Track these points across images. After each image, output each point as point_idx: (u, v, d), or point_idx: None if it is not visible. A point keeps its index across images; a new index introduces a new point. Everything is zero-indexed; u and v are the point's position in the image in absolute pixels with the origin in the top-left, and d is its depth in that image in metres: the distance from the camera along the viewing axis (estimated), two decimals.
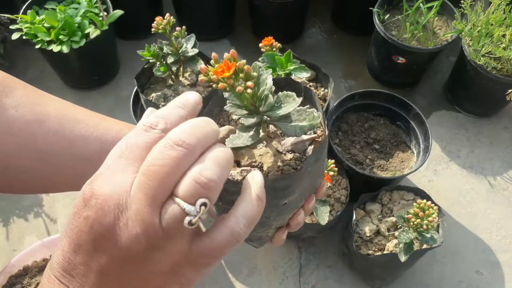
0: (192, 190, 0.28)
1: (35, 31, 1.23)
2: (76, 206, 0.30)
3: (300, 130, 0.40)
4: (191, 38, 1.03)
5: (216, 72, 0.36)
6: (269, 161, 0.43)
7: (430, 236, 0.87)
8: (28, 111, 0.49)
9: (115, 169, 0.30)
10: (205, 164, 0.29)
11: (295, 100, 0.39)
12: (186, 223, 0.28)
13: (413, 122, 1.17)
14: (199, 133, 0.30)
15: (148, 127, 0.31)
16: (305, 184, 0.43)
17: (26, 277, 0.93)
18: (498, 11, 1.16)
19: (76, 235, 0.30)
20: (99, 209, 0.28)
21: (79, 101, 1.43)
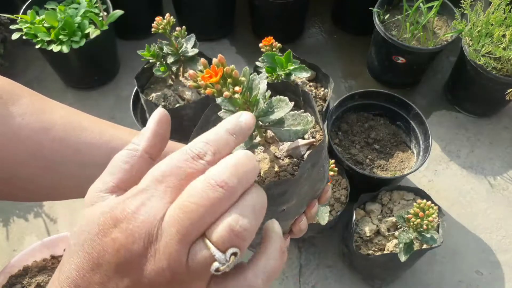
0: (226, 238, 0.27)
1: (35, 31, 1.23)
2: (102, 222, 0.29)
3: (294, 135, 0.39)
4: (191, 38, 1.03)
5: (204, 78, 0.36)
6: (266, 166, 0.43)
7: (430, 236, 0.87)
8: (35, 119, 0.49)
9: (153, 194, 0.29)
10: (243, 212, 0.28)
11: (287, 105, 0.39)
12: (213, 269, 0.27)
13: (413, 122, 1.17)
14: (241, 174, 0.29)
15: (196, 155, 0.29)
16: (303, 189, 0.42)
17: (26, 277, 0.93)
18: (498, 11, 1.16)
19: (98, 254, 0.29)
20: (130, 235, 0.28)
21: (79, 101, 1.43)
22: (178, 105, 1.06)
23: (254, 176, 0.30)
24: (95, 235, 0.29)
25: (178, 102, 1.08)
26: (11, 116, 0.47)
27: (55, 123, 0.49)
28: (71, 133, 0.50)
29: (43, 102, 0.52)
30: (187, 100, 1.07)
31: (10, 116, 0.47)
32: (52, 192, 0.52)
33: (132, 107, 1.18)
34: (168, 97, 1.08)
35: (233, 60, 1.53)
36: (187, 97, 1.07)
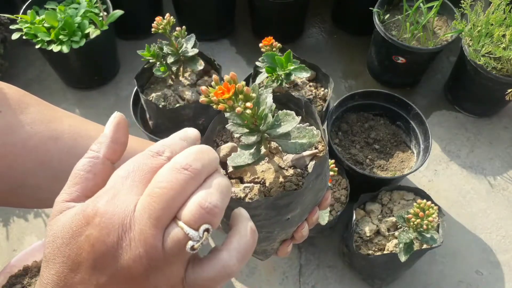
0: (197, 215, 0.28)
1: (35, 31, 1.23)
2: (74, 224, 0.30)
3: (300, 148, 0.40)
4: (191, 38, 1.03)
5: (216, 94, 0.37)
6: (271, 177, 0.43)
7: (430, 236, 0.87)
8: (43, 128, 0.49)
9: (121, 189, 0.30)
10: (210, 190, 0.30)
11: (294, 119, 0.40)
12: (188, 248, 0.28)
13: (413, 122, 1.17)
14: (204, 159, 0.31)
15: (155, 153, 0.31)
16: (307, 199, 0.43)
17: (26, 277, 0.93)
18: (498, 11, 1.16)
19: (75, 253, 0.29)
20: (103, 228, 0.28)
21: (79, 101, 1.43)
22: (178, 105, 1.06)
23: (216, 164, 0.32)
24: (69, 238, 0.30)
25: (178, 102, 1.08)
26: (20, 125, 0.47)
27: (63, 132, 0.50)
28: (79, 142, 0.50)
29: (52, 110, 0.52)
30: (187, 100, 1.07)
31: (19, 125, 0.47)
32: None
33: (132, 107, 1.18)
34: (168, 97, 1.08)
35: (233, 60, 1.53)
36: (187, 97, 1.08)
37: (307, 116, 0.47)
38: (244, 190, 0.43)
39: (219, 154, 0.46)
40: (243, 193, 0.43)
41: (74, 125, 0.52)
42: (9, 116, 0.47)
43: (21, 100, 0.50)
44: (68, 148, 0.49)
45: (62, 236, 0.30)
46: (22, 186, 0.48)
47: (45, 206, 0.55)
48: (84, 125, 0.54)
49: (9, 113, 0.47)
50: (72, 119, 0.53)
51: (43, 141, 0.48)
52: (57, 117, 0.52)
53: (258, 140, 0.41)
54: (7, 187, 0.47)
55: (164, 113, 1.07)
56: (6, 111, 0.47)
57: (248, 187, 0.43)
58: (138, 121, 1.17)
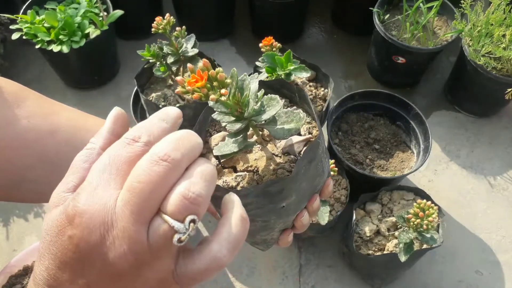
0: (181, 207, 0.28)
1: (35, 31, 1.23)
2: (59, 223, 0.29)
3: (287, 133, 0.39)
4: (191, 38, 1.03)
5: (190, 83, 0.36)
6: (264, 164, 0.43)
7: (430, 236, 0.87)
8: (41, 121, 0.49)
9: (98, 184, 0.29)
10: (192, 179, 0.29)
11: (278, 103, 0.39)
12: (175, 240, 0.27)
13: (413, 122, 1.17)
14: (184, 147, 0.29)
15: (131, 140, 0.30)
16: (301, 186, 0.42)
17: (26, 277, 0.93)
18: (498, 11, 1.16)
19: (61, 252, 0.29)
20: (85, 228, 0.28)
21: (79, 101, 1.43)
22: (178, 105, 1.06)
23: (198, 151, 0.31)
24: (55, 236, 0.29)
25: (178, 102, 1.08)
26: (17, 118, 0.47)
27: (61, 125, 0.50)
28: (77, 135, 0.50)
29: (49, 104, 0.52)
30: (187, 100, 1.08)
31: (16, 118, 0.47)
32: None
33: (132, 107, 1.18)
34: (168, 97, 1.08)
35: (233, 60, 1.53)
36: (187, 97, 1.08)
37: (301, 101, 0.47)
38: (236, 179, 0.42)
39: (211, 144, 0.45)
40: (235, 182, 0.42)
41: (72, 118, 0.52)
42: (7, 110, 0.47)
43: (19, 94, 0.50)
44: (66, 141, 0.49)
45: (50, 234, 0.30)
46: (21, 180, 0.48)
47: (46, 201, 0.55)
48: (82, 118, 0.54)
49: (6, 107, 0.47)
50: (70, 112, 0.53)
51: (41, 135, 0.48)
52: (55, 110, 0.52)
53: (243, 127, 0.40)
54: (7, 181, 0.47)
55: None
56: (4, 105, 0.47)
57: (240, 175, 0.42)
58: (138, 121, 1.17)
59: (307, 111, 0.46)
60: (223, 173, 0.44)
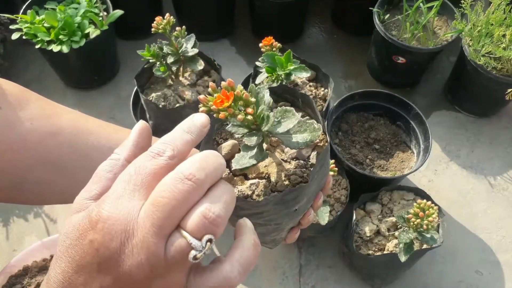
0: (200, 225, 0.29)
1: (35, 31, 1.23)
2: (81, 227, 0.30)
3: (302, 144, 0.40)
4: (191, 38, 1.03)
5: (216, 103, 0.36)
6: (275, 171, 0.43)
7: (430, 236, 0.87)
8: (43, 123, 0.49)
9: (123, 194, 0.30)
10: (214, 200, 0.30)
11: (294, 116, 0.39)
12: (191, 257, 0.28)
13: (413, 122, 1.17)
14: (208, 167, 0.31)
15: (156, 154, 0.31)
16: (312, 189, 0.43)
17: (26, 277, 0.93)
18: (498, 11, 1.16)
19: (80, 256, 0.30)
20: (106, 234, 0.29)
21: (79, 101, 1.43)
22: (178, 105, 1.06)
23: (221, 172, 0.32)
24: (75, 240, 0.30)
25: (178, 102, 1.08)
26: (19, 121, 0.47)
27: (63, 128, 0.50)
28: (79, 137, 0.50)
29: (51, 106, 0.52)
30: (187, 100, 1.07)
31: (19, 121, 0.47)
32: (62, 196, 0.52)
33: (132, 107, 1.18)
34: (168, 97, 1.08)
35: (233, 60, 1.53)
36: (187, 97, 1.07)
37: (304, 106, 0.47)
38: (250, 187, 0.43)
39: (221, 153, 0.45)
40: (250, 191, 0.43)
41: (73, 120, 0.52)
42: (9, 112, 0.47)
43: (21, 96, 0.50)
44: (68, 143, 0.49)
45: (71, 237, 0.31)
46: (23, 182, 0.48)
47: (47, 202, 0.55)
48: (84, 120, 0.54)
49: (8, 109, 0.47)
50: (72, 115, 0.53)
51: (43, 137, 0.48)
52: (57, 112, 0.52)
53: (260, 140, 0.41)
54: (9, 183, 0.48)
55: (164, 113, 1.07)
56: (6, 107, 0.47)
57: (254, 183, 0.43)
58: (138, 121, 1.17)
59: (311, 116, 0.47)
60: (235, 181, 0.44)
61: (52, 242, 0.99)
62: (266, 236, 0.47)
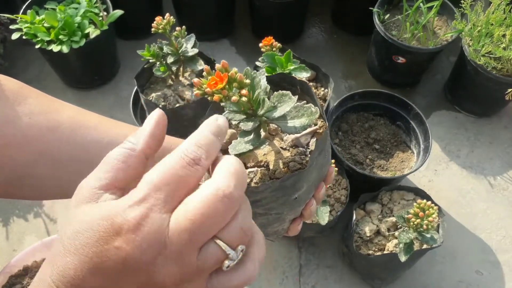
0: (238, 237, 0.30)
1: (35, 31, 1.22)
2: (101, 228, 0.29)
3: (300, 128, 0.40)
4: (191, 38, 1.03)
5: (210, 85, 0.36)
6: (273, 159, 0.43)
7: (430, 236, 0.87)
8: (42, 119, 0.49)
9: (155, 204, 0.29)
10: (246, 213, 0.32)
11: (291, 99, 0.39)
12: (225, 266, 0.30)
13: (413, 122, 1.17)
14: (243, 184, 0.31)
15: (191, 160, 0.31)
16: (312, 176, 0.43)
17: (26, 277, 0.93)
18: (498, 11, 1.16)
19: (99, 259, 0.28)
20: (137, 247, 0.28)
21: (79, 101, 1.43)
22: (178, 105, 1.06)
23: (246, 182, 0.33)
24: (95, 241, 0.29)
25: (178, 102, 1.08)
26: (18, 116, 0.47)
27: (62, 122, 0.50)
28: (77, 132, 0.51)
29: (50, 101, 0.53)
30: (187, 100, 1.07)
31: (18, 116, 0.47)
32: (62, 191, 0.52)
33: (132, 107, 1.18)
34: (168, 97, 1.08)
35: (233, 60, 1.53)
36: (187, 97, 1.07)
37: (302, 93, 0.47)
38: (249, 175, 0.42)
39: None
40: (248, 178, 0.42)
41: (73, 116, 0.52)
42: (8, 108, 0.47)
43: (20, 91, 0.50)
44: (67, 138, 0.50)
45: (87, 236, 0.29)
46: (22, 177, 0.48)
47: (47, 198, 0.55)
48: (83, 115, 0.54)
49: (7, 104, 0.47)
50: (71, 110, 0.54)
51: (42, 132, 0.48)
52: (56, 107, 0.52)
53: (257, 125, 0.40)
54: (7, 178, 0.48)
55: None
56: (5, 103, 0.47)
57: (252, 171, 0.43)
58: (138, 121, 1.17)
59: (309, 102, 0.47)
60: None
61: (52, 242, 0.99)
62: (267, 228, 0.47)
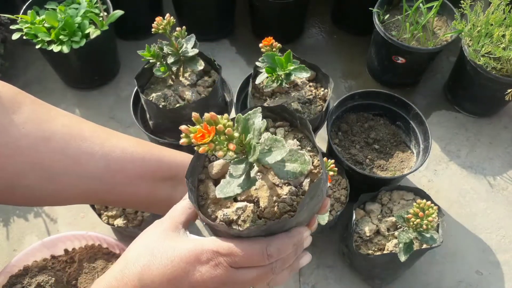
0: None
1: (35, 31, 1.23)
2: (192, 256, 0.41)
3: (292, 175, 0.39)
4: (191, 38, 1.03)
5: (196, 138, 0.35)
6: (265, 195, 0.42)
7: (430, 236, 0.87)
8: (36, 128, 0.49)
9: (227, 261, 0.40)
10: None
11: (284, 147, 0.38)
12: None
13: (413, 122, 1.17)
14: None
15: (267, 257, 0.41)
16: (301, 218, 0.43)
17: (26, 277, 0.93)
18: (497, 11, 1.16)
19: (182, 273, 0.41)
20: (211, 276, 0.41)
21: (79, 101, 1.43)
22: (178, 105, 1.06)
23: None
24: (183, 262, 0.41)
25: (178, 102, 1.08)
26: (12, 125, 0.47)
27: (56, 133, 0.50)
28: (71, 143, 0.50)
29: (45, 110, 0.52)
30: (187, 100, 1.08)
31: (11, 125, 0.47)
32: (53, 200, 0.52)
33: (132, 107, 1.18)
34: (168, 97, 1.08)
35: (233, 60, 1.53)
36: (187, 97, 1.08)
37: (302, 127, 0.46)
38: (236, 212, 0.42)
39: (211, 171, 0.45)
40: (236, 215, 0.42)
41: (67, 125, 0.51)
42: (1, 116, 0.47)
43: (14, 99, 0.49)
44: (60, 149, 0.49)
45: (178, 257, 0.41)
46: (14, 186, 0.48)
47: (40, 205, 0.56)
48: (79, 124, 0.53)
49: (2, 112, 0.47)
50: (66, 119, 0.53)
51: (35, 142, 0.48)
52: (51, 116, 0.51)
53: (247, 169, 0.39)
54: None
55: (164, 113, 1.07)
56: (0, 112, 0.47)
57: (240, 208, 0.42)
58: (138, 121, 1.17)
59: (308, 138, 0.46)
60: (223, 202, 0.43)
61: (52, 242, 0.99)
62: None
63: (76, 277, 0.93)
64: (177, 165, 0.56)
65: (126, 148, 0.53)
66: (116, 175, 0.52)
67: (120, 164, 0.52)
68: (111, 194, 0.53)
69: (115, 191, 0.53)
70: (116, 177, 0.52)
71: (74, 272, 0.93)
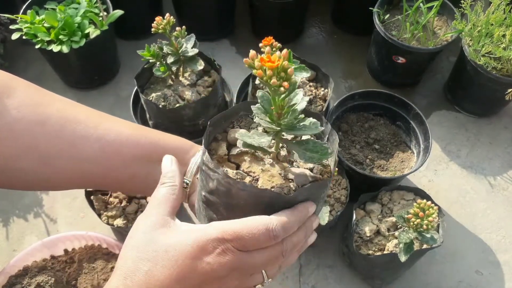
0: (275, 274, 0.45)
1: (35, 31, 1.23)
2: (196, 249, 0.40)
3: (309, 158, 0.42)
4: (191, 38, 1.03)
5: (262, 60, 0.38)
6: (265, 178, 0.44)
7: (430, 236, 0.87)
8: (30, 112, 0.49)
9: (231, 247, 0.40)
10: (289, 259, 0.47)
11: (317, 128, 0.41)
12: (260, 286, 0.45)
13: (413, 122, 1.17)
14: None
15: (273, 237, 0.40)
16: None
17: (26, 277, 0.93)
18: (498, 11, 1.16)
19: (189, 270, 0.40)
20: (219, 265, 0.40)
21: (79, 101, 1.42)
22: (178, 105, 1.06)
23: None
24: (188, 259, 0.39)
25: (178, 102, 1.08)
26: (6, 109, 0.47)
27: (51, 116, 0.49)
28: (66, 127, 0.50)
29: (40, 94, 0.52)
30: (187, 100, 1.08)
31: (5, 109, 0.47)
32: (48, 184, 0.52)
33: (132, 107, 1.18)
34: (168, 97, 1.08)
35: (233, 60, 1.53)
36: (187, 97, 1.08)
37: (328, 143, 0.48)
38: (236, 175, 0.43)
39: (231, 135, 0.47)
40: (233, 176, 0.43)
41: (62, 109, 0.51)
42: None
43: (8, 84, 0.49)
44: (55, 132, 0.49)
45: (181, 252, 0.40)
46: (9, 169, 0.48)
47: (33, 189, 0.55)
48: (73, 108, 0.53)
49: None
50: (61, 103, 0.53)
51: (30, 126, 0.48)
52: (46, 100, 0.51)
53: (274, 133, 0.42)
54: None
55: (164, 113, 1.07)
56: None
57: (240, 173, 0.44)
58: (138, 121, 1.17)
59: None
60: (227, 164, 0.45)
61: (52, 242, 0.99)
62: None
63: (76, 277, 0.93)
64: (172, 148, 0.56)
65: (121, 131, 0.53)
66: (112, 157, 0.52)
67: (115, 147, 0.52)
68: (107, 177, 0.53)
69: (112, 174, 0.53)
70: (112, 160, 0.52)
71: (74, 272, 0.93)
